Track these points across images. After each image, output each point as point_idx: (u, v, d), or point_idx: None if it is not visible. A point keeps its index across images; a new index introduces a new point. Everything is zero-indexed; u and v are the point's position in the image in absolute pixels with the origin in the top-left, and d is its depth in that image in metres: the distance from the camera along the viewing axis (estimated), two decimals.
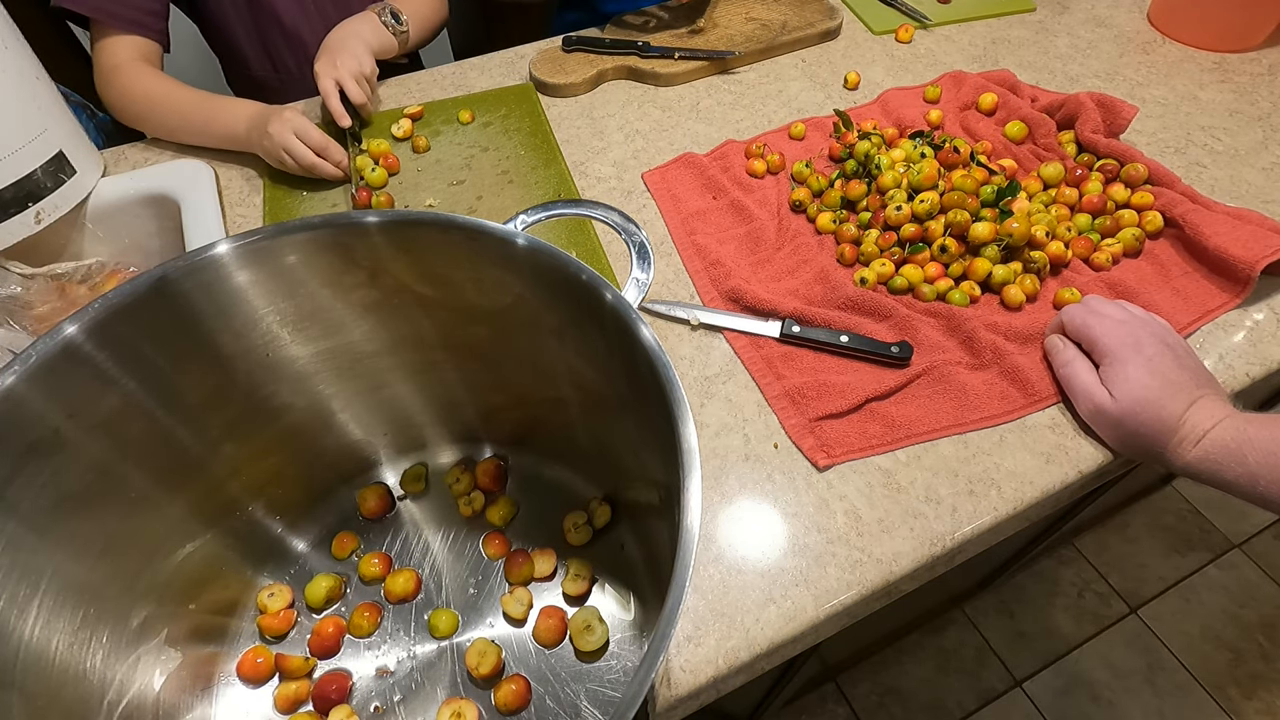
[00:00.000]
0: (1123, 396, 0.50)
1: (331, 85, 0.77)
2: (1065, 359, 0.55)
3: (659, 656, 0.28)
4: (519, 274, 0.43)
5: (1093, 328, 0.54)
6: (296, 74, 0.94)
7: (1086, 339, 0.54)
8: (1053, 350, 0.57)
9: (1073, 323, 0.56)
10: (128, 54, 0.77)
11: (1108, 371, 0.52)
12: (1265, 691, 1.24)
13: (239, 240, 0.42)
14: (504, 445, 0.58)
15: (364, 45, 0.81)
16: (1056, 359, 0.56)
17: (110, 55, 0.77)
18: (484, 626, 0.51)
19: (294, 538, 0.54)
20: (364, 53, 0.80)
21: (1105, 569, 1.39)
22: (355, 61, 0.79)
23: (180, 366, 0.43)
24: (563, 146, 0.80)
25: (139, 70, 0.77)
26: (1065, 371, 0.55)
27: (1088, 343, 0.54)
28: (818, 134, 0.80)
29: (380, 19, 0.84)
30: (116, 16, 0.76)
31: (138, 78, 0.76)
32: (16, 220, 0.64)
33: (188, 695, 0.47)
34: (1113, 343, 0.52)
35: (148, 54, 0.79)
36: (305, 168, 0.72)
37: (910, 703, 1.25)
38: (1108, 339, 0.53)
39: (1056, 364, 0.56)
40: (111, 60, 0.77)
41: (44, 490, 0.38)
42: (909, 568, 0.49)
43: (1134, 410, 0.50)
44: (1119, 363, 0.51)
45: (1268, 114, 0.81)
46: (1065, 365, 0.55)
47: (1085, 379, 0.53)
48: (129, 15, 0.77)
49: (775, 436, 0.56)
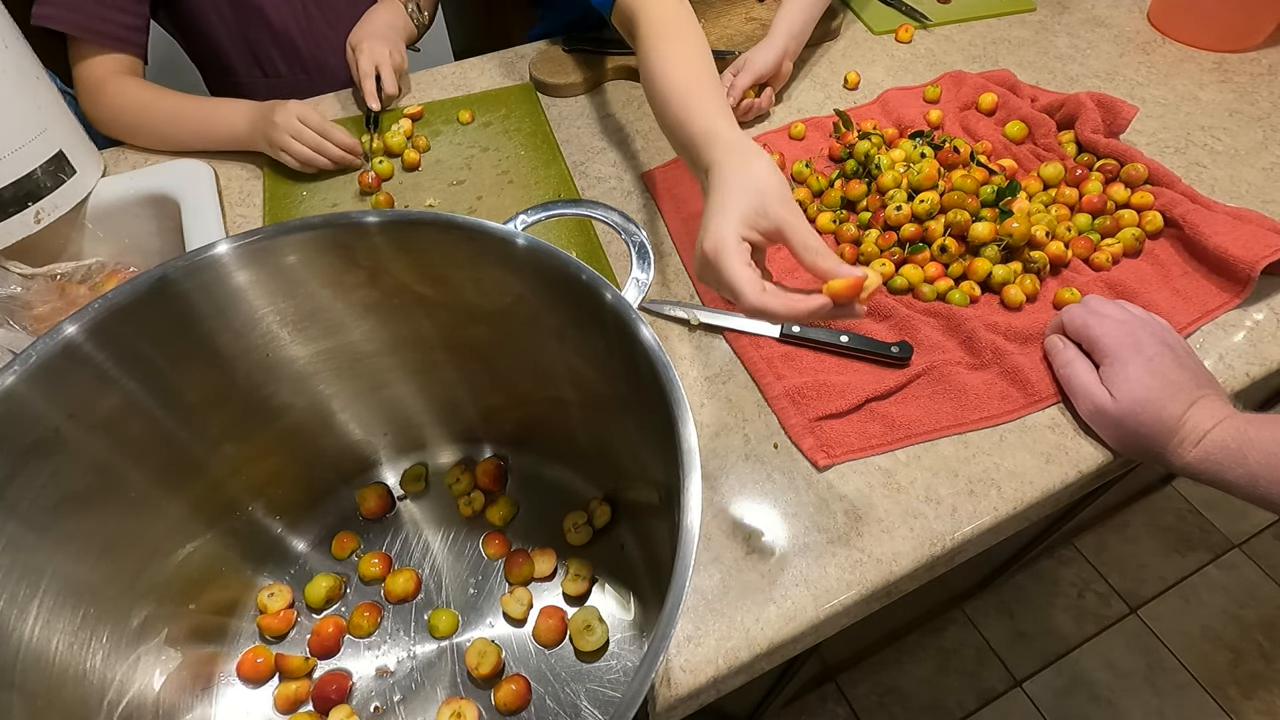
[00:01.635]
0: (1123, 396, 0.50)
1: (371, 67, 0.79)
2: (1065, 359, 0.55)
3: (659, 656, 0.28)
4: (519, 274, 0.43)
5: (1093, 327, 0.54)
6: (287, 75, 0.93)
7: (1086, 339, 0.54)
8: (1052, 350, 0.57)
9: (1073, 323, 0.56)
10: (110, 69, 0.77)
11: (1108, 371, 0.52)
12: (1265, 691, 1.24)
13: (239, 240, 0.42)
14: (504, 445, 0.58)
15: (400, 38, 0.85)
16: (1056, 359, 0.56)
17: (93, 71, 0.76)
18: (484, 626, 0.51)
19: (294, 538, 0.54)
20: (401, 45, 0.84)
21: (1105, 569, 1.39)
22: (399, 52, 0.82)
23: (180, 366, 0.43)
24: (563, 146, 0.80)
25: (125, 82, 0.77)
26: (1065, 372, 0.55)
27: (1088, 343, 0.54)
28: (817, 134, 0.80)
29: (405, 7, 0.88)
30: (99, 33, 0.75)
31: (125, 89, 0.76)
32: (16, 220, 0.64)
33: (188, 695, 0.47)
34: (1113, 343, 0.52)
35: (131, 69, 0.79)
36: (314, 148, 0.73)
37: (910, 703, 1.25)
38: (1108, 339, 0.52)
39: (1056, 364, 0.56)
40: (95, 75, 0.76)
41: (44, 490, 0.38)
42: (909, 568, 0.49)
43: (1134, 410, 0.50)
44: (1119, 362, 0.51)
45: (1268, 114, 0.81)
46: (1065, 365, 0.55)
47: (1085, 379, 0.53)
48: (109, 31, 0.76)
49: (775, 436, 0.56)
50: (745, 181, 0.43)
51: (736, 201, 0.42)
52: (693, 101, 0.50)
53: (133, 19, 0.78)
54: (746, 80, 0.78)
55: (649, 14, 0.59)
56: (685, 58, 0.54)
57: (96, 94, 0.76)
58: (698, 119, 0.49)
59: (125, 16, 0.77)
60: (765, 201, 0.42)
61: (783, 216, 0.41)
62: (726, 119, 0.49)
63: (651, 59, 0.56)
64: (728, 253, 0.41)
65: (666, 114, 0.53)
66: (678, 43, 0.56)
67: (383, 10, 0.86)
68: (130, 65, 0.79)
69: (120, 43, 0.77)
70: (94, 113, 0.77)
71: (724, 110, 0.50)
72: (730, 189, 0.43)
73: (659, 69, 0.55)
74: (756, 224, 0.42)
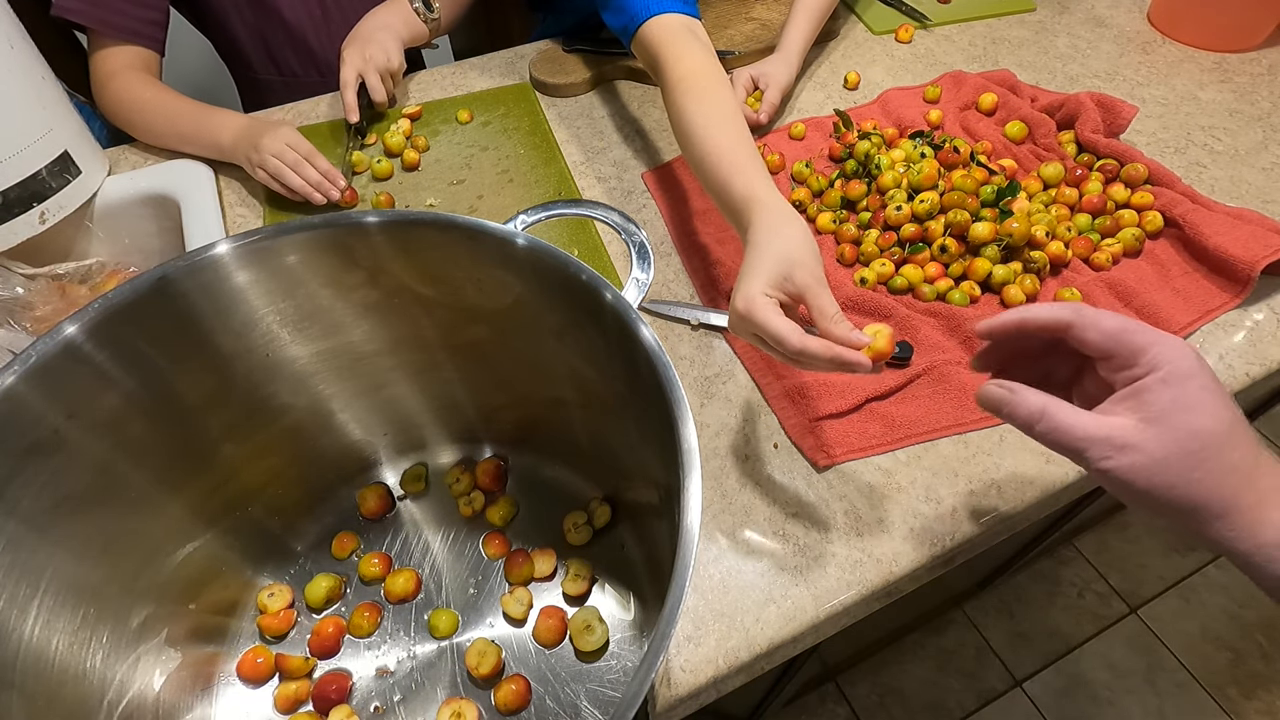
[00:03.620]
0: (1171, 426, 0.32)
1: (353, 76, 0.77)
2: (1034, 406, 0.34)
3: (659, 656, 0.28)
4: (519, 274, 0.43)
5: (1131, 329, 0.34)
6: (302, 76, 0.94)
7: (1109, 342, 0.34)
8: (1001, 402, 0.36)
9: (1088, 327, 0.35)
10: (124, 62, 0.78)
11: (1142, 394, 0.33)
12: (1265, 691, 1.24)
13: (239, 240, 0.42)
14: (504, 445, 0.58)
15: (395, 39, 0.82)
16: (1021, 410, 0.35)
17: (106, 63, 0.77)
18: (484, 626, 0.51)
19: (294, 538, 0.54)
20: (394, 47, 0.81)
21: (1105, 569, 1.39)
22: (384, 55, 0.79)
23: (180, 366, 0.43)
24: (563, 146, 0.80)
25: (133, 78, 0.77)
26: (1046, 425, 0.34)
27: (1115, 346, 0.34)
28: (817, 134, 0.80)
29: (412, 5, 0.84)
30: (115, 27, 0.76)
31: (131, 85, 0.77)
32: (21, 220, 0.64)
33: (188, 695, 0.47)
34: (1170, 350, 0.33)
35: (145, 62, 0.79)
36: (291, 185, 0.70)
37: (910, 703, 1.25)
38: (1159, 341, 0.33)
39: (1023, 416, 0.35)
40: (107, 68, 0.77)
41: (44, 490, 0.38)
42: (909, 568, 0.49)
43: (1189, 444, 0.31)
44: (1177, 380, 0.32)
45: (1268, 114, 0.81)
46: (1039, 414, 0.34)
47: (1082, 419, 0.33)
48: (128, 25, 0.77)
49: (775, 436, 0.56)
50: (776, 248, 0.47)
51: (767, 266, 0.46)
52: (732, 165, 0.54)
53: (151, 13, 0.79)
54: (776, 96, 0.80)
55: (680, 68, 0.61)
56: (723, 121, 0.57)
57: (105, 85, 0.77)
58: (737, 182, 0.53)
59: (144, 11, 0.78)
60: (792, 270, 0.45)
61: (806, 284, 0.45)
62: (764, 181, 0.52)
63: (688, 115, 0.58)
64: (758, 309, 0.44)
65: (704, 170, 0.56)
66: (712, 104, 0.58)
67: (382, 11, 0.84)
68: (146, 59, 0.80)
69: (136, 36, 0.78)
70: (101, 101, 0.79)
71: (761, 171, 0.53)
72: (762, 253, 0.47)
73: (699, 130, 0.57)
74: (783, 287, 0.46)
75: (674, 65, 0.62)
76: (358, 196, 0.75)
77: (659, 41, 0.63)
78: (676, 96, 0.60)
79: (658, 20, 0.64)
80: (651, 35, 0.64)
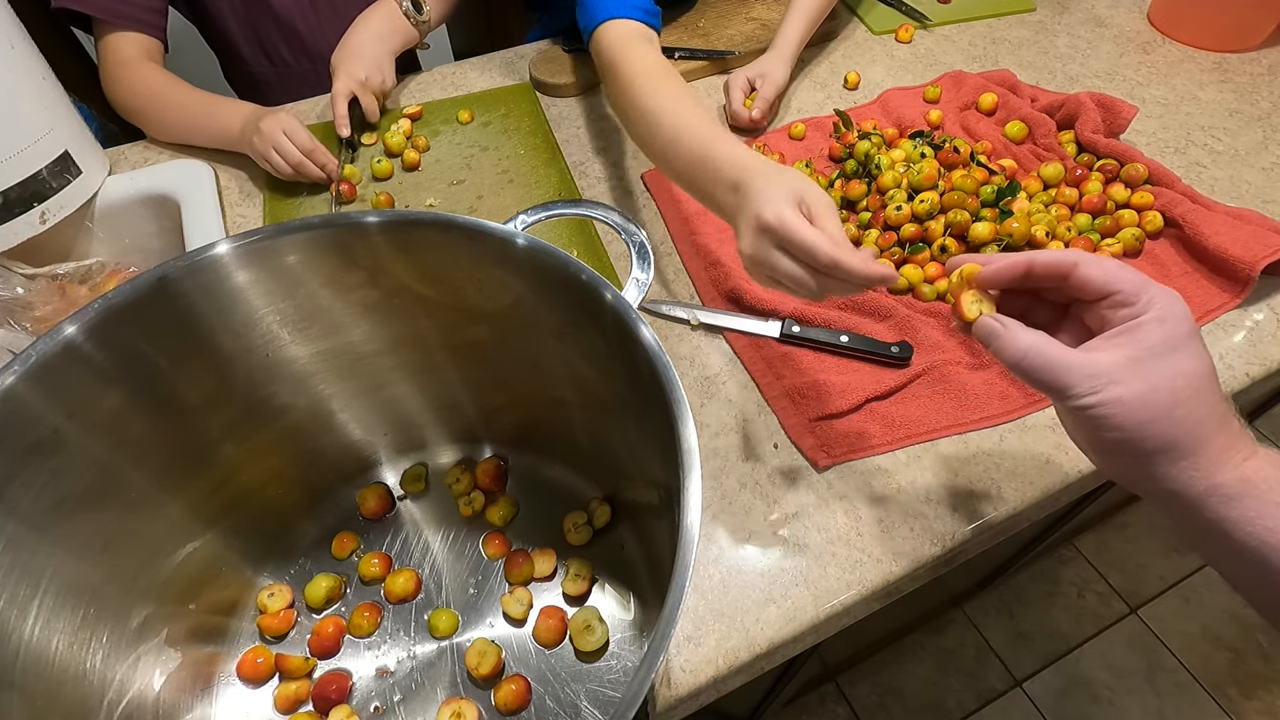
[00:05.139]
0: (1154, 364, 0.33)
1: (345, 90, 0.77)
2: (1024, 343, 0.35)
3: (659, 656, 0.28)
4: (519, 274, 0.43)
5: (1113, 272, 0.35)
6: (294, 66, 0.94)
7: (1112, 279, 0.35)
8: (992, 335, 0.36)
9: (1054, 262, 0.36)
10: (133, 51, 0.78)
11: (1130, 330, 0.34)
12: (1265, 691, 1.24)
13: (239, 240, 0.42)
14: (504, 445, 0.58)
15: (388, 53, 0.82)
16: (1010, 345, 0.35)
17: (116, 52, 0.78)
18: (484, 626, 0.51)
19: (294, 538, 0.54)
20: (388, 64, 0.81)
21: (1105, 569, 1.39)
22: (379, 76, 0.80)
23: (180, 366, 0.43)
24: (563, 146, 0.80)
25: (144, 67, 0.78)
26: (1034, 359, 0.34)
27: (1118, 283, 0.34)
28: (818, 134, 0.80)
29: (401, 7, 0.84)
30: (120, 15, 0.77)
31: (142, 74, 0.77)
32: (22, 220, 0.64)
33: (188, 695, 0.47)
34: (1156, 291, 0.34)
35: (151, 51, 0.80)
36: (292, 165, 0.72)
37: (910, 703, 1.25)
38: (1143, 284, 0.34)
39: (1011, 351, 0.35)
40: (117, 56, 0.78)
41: (44, 490, 0.38)
42: (909, 568, 0.49)
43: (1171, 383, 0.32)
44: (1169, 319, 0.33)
45: (1268, 114, 0.81)
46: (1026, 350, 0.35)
47: (1063, 353, 0.34)
48: (131, 13, 0.78)
49: (775, 436, 0.56)
50: (785, 179, 0.46)
51: (780, 192, 0.45)
52: (711, 135, 0.53)
53: (153, 1, 0.79)
54: (771, 92, 0.80)
55: (638, 65, 0.61)
56: (691, 102, 0.57)
57: (117, 74, 0.78)
58: (721, 148, 0.52)
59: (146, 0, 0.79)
60: (804, 193, 0.45)
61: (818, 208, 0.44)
62: (744, 146, 0.52)
63: (655, 101, 0.58)
64: (788, 220, 0.43)
65: (679, 148, 0.55)
66: (677, 90, 0.58)
67: (373, 17, 0.82)
68: (152, 48, 0.80)
69: (140, 24, 0.79)
70: (111, 92, 0.79)
71: (739, 140, 0.53)
72: (771, 183, 0.46)
73: (667, 113, 0.56)
74: (799, 207, 0.44)
75: (631, 63, 0.62)
76: (356, 192, 0.75)
77: (616, 43, 0.64)
78: (635, 90, 0.60)
79: (617, 23, 0.65)
80: (609, 36, 0.65)
